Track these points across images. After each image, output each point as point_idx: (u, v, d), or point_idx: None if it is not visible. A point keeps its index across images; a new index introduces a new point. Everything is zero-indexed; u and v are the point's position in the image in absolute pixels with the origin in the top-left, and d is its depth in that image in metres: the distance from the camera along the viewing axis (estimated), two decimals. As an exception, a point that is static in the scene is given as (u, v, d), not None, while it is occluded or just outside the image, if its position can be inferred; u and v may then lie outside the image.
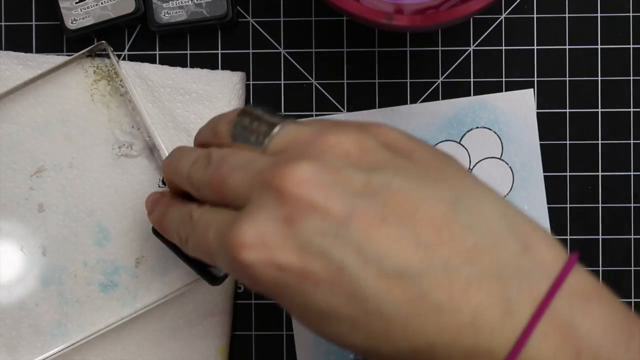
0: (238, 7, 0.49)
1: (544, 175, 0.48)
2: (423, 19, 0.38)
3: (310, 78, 0.49)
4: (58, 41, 0.49)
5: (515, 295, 0.28)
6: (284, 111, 0.49)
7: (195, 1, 0.47)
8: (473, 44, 0.49)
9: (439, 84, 0.49)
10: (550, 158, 0.48)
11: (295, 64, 0.49)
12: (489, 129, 0.48)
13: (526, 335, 0.28)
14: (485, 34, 0.49)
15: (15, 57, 0.48)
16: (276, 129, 0.33)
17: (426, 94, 0.49)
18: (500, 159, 0.48)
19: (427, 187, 0.29)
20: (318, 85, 0.49)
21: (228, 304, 0.48)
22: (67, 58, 0.47)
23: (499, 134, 0.48)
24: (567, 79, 0.49)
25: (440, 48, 0.49)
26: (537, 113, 0.48)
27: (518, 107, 0.48)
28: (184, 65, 0.49)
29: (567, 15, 0.49)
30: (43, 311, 0.47)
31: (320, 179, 0.29)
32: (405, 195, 0.29)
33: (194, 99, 0.48)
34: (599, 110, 0.49)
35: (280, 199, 0.29)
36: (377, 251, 0.28)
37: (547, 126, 0.49)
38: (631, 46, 0.48)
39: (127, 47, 0.49)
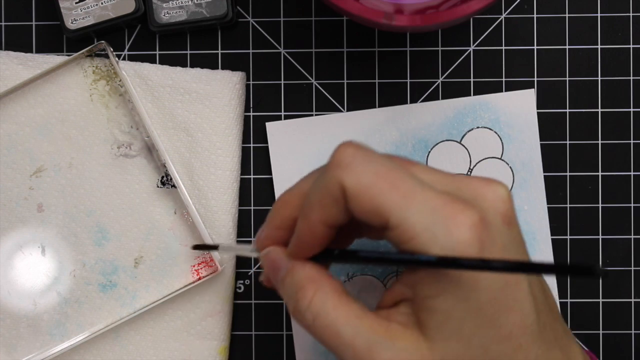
0: (238, 7, 0.49)
1: (544, 175, 0.48)
2: (423, 19, 0.38)
3: (310, 78, 0.49)
4: (58, 41, 0.49)
5: None
6: (284, 111, 0.49)
7: (195, 1, 0.47)
8: (473, 44, 0.49)
9: (439, 84, 0.49)
10: (550, 158, 0.48)
11: (295, 64, 0.49)
12: (490, 129, 0.48)
13: None
14: (485, 34, 0.49)
15: (15, 57, 0.48)
16: None
17: (426, 94, 0.49)
18: (500, 159, 0.48)
19: None
20: (318, 85, 0.49)
21: (227, 304, 0.48)
22: (67, 58, 0.47)
23: (500, 134, 0.48)
24: (567, 79, 0.49)
25: (440, 48, 0.49)
26: (537, 113, 0.48)
27: (519, 107, 0.48)
28: (184, 65, 0.49)
29: (567, 15, 0.48)
30: (42, 311, 0.47)
31: None
32: None
33: (194, 98, 0.48)
34: (599, 110, 0.49)
35: None
36: None
37: (547, 126, 0.48)
38: (631, 46, 0.48)
39: (127, 47, 0.49)
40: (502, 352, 0.33)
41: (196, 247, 0.47)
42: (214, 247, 0.45)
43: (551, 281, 0.48)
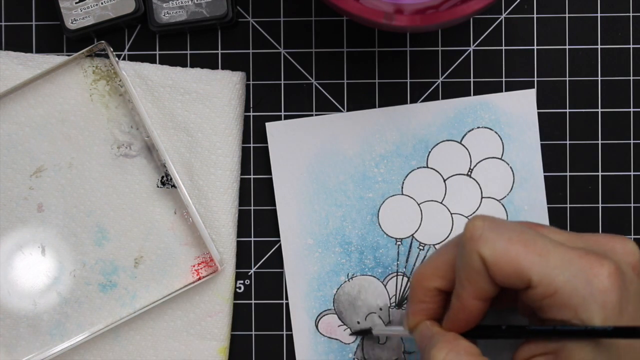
0: (238, 7, 0.49)
1: (544, 175, 0.48)
2: (423, 19, 0.38)
3: (310, 78, 0.49)
4: (58, 41, 0.49)
5: None
6: (284, 111, 0.49)
7: (195, 1, 0.47)
8: (473, 44, 0.49)
9: (439, 84, 0.49)
10: (550, 158, 0.48)
11: (295, 64, 0.49)
12: (490, 129, 0.48)
13: None
14: (485, 34, 0.49)
15: (15, 57, 0.48)
16: None
17: (426, 94, 0.49)
18: (501, 159, 0.48)
19: None
20: (318, 85, 0.49)
21: (227, 304, 0.48)
22: (67, 58, 0.47)
23: (500, 134, 0.48)
24: (567, 79, 0.49)
25: (440, 48, 0.49)
26: (537, 113, 0.48)
27: (519, 107, 0.48)
28: (184, 65, 0.49)
29: (567, 15, 0.48)
30: (42, 311, 0.47)
31: None
32: None
33: (194, 98, 0.48)
34: (599, 110, 0.49)
35: None
36: None
37: (547, 126, 0.48)
38: (631, 46, 0.48)
39: (127, 47, 0.49)
40: None
41: (353, 333, 0.48)
42: (369, 331, 0.47)
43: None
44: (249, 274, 0.49)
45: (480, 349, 0.38)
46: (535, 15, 0.49)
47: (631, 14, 0.48)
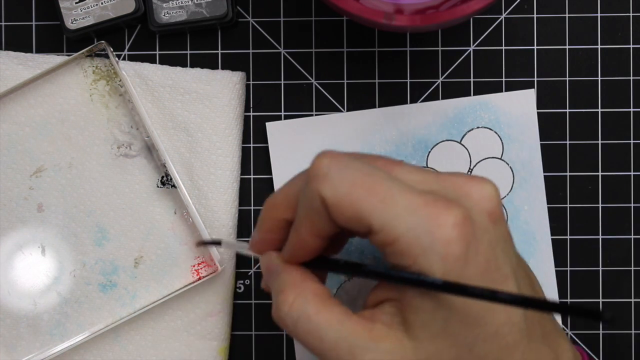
0: (238, 7, 0.49)
1: (544, 175, 0.48)
2: (423, 19, 0.38)
3: (310, 78, 0.49)
4: (58, 41, 0.49)
5: None
6: (284, 111, 0.49)
7: (195, 1, 0.47)
8: (473, 44, 0.49)
9: (439, 84, 0.49)
10: (550, 158, 0.48)
11: (295, 64, 0.49)
12: (490, 129, 0.48)
13: None
14: (485, 34, 0.49)
15: (15, 57, 0.48)
16: None
17: (426, 94, 0.49)
18: (500, 159, 0.48)
19: None
20: (318, 85, 0.49)
21: (227, 304, 0.48)
22: (67, 58, 0.47)
23: (500, 134, 0.48)
24: (567, 79, 0.49)
25: (440, 48, 0.49)
26: (537, 113, 0.48)
27: (519, 107, 0.48)
28: (184, 65, 0.49)
29: (567, 15, 0.48)
30: (42, 311, 0.47)
31: None
32: None
33: (194, 98, 0.48)
34: (599, 110, 0.49)
35: None
36: None
37: (547, 126, 0.48)
38: (631, 46, 0.48)
39: (127, 47, 0.49)
40: (488, 351, 0.33)
41: (199, 243, 0.47)
42: (217, 243, 0.45)
43: (550, 279, 0.48)
44: (249, 274, 0.49)
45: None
46: (535, 15, 0.49)
47: (631, 14, 0.48)
